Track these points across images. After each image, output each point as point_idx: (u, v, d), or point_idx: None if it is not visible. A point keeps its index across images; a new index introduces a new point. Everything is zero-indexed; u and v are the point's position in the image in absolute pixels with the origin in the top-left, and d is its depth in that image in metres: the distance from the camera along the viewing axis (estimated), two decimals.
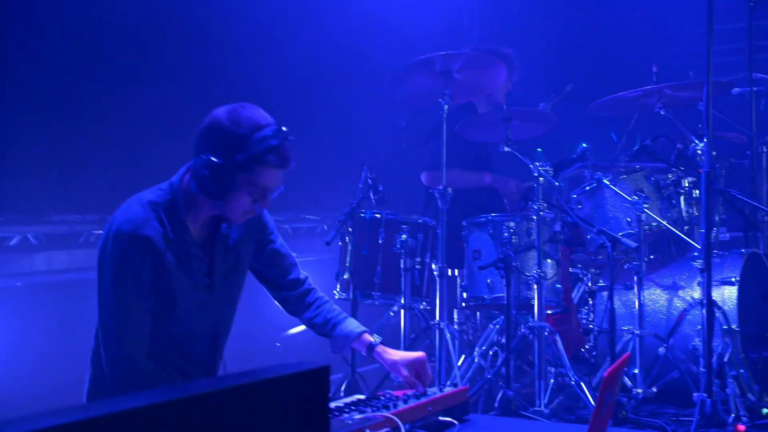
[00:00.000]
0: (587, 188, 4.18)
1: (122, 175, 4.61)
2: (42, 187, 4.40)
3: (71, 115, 4.53)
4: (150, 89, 4.85)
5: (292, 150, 2.36)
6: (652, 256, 4.59)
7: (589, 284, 4.57)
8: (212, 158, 2.29)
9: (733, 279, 3.87)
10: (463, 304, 4.21)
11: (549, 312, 4.05)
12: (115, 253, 2.29)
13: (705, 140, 3.39)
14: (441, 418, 2.33)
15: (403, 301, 4.13)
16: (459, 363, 4.05)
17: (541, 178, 3.80)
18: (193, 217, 2.41)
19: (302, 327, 5.55)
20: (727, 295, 3.86)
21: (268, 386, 1.23)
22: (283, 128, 2.35)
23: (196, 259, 2.42)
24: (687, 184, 4.11)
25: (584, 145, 4.07)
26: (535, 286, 3.77)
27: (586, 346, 4.33)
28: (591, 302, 4.51)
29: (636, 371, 3.74)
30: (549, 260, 3.89)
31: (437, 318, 3.92)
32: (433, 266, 4.21)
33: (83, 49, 4.56)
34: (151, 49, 4.87)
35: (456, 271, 4.71)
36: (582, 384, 3.65)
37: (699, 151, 3.81)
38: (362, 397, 2.40)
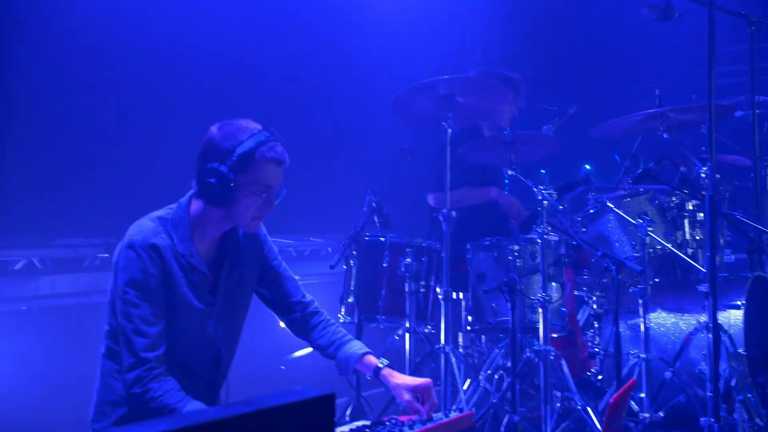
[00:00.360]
0: (591, 211, 4.18)
1: (127, 200, 4.63)
2: (47, 211, 4.42)
3: (77, 139, 4.56)
4: (156, 115, 4.88)
5: (284, 148, 2.53)
6: (657, 279, 4.58)
7: (594, 307, 4.55)
8: (213, 165, 2.43)
9: (738, 302, 3.85)
10: (468, 328, 4.20)
11: (554, 335, 4.03)
12: (127, 260, 2.42)
13: (708, 163, 3.39)
14: None
15: (407, 325, 4.12)
16: (464, 387, 4.03)
17: (545, 202, 3.80)
18: (200, 236, 2.54)
19: (307, 350, 5.58)
20: (733, 318, 3.84)
21: (273, 414, 1.23)
22: (271, 128, 2.53)
23: (201, 275, 2.52)
24: (691, 207, 4.11)
25: (588, 167, 4.08)
26: (540, 310, 3.75)
27: (592, 370, 4.31)
28: (596, 325, 4.49)
29: (642, 395, 3.72)
30: (554, 283, 3.88)
31: (442, 342, 3.91)
32: (438, 289, 4.20)
33: (90, 74, 4.59)
34: (158, 75, 4.91)
35: (461, 294, 4.70)
36: (588, 408, 3.63)
37: (702, 174, 3.81)
38: (368, 422, 2.39)
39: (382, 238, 4.23)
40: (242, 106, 5.37)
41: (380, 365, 2.67)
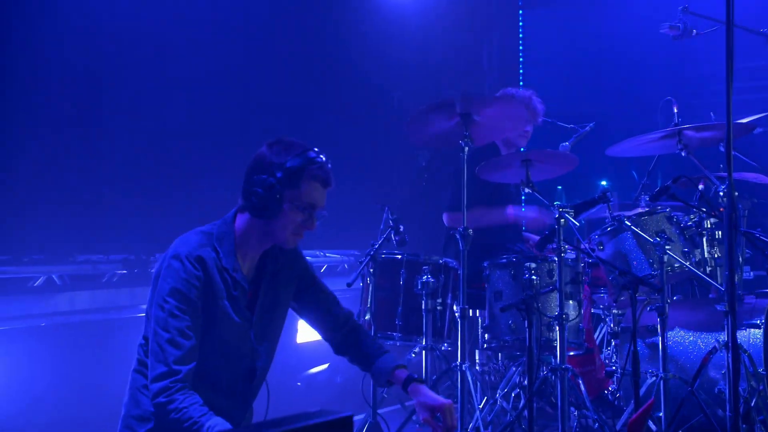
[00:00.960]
0: (608, 229, 4.16)
1: (146, 217, 4.67)
2: (66, 228, 4.46)
3: (96, 156, 4.60)
4: (175, 133, 4.93)
5: (331, 170, 2.62)
6: (675, 297, 4.56)
7: (612, 326, 4.53)
8: (261, 177, 2.50)
9: (758, 322, 3.82)
10: (485, 346, 4.18)
11: (571, 353, 4.01)
12: (171, 270, 2.46)
13: (727, 181, 3.38)
14: None
15: (424, 343, 4.12)
16: (481, 405, 4.02)
17: (562, 219, 3.79)
18: (243, 253, 2.60)
19: (322, 366, 5.57)
20: (752, 337, 3.81)
21: None
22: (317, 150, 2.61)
23: (242, 290, 2.58)
24: (709, 225, 4.09)
25: (605, 184, 4.07)
26: (557, 328, 3.74)
27: (610, 388, 4.29)
28: (614, 344, 4.47)
29: (661, 414, 3.69)
30: (571, 301, 3.87)
31: (459, 359, 3.90)
32: (455, 307, 4.19)
33: (109, 91, 4.65)
34: (177, 96, 4.95)
35: (477, 312, 4.69)
36: (605, 427, 3.61)
37: (721, 192, 3.79)
38: None
39: (398, 256, 4.24)
40: (264, 124, 5.42)
41: (411, 378, 2.72)
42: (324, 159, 2.60)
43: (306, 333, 5.25)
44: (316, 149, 2.60)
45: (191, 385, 2.41)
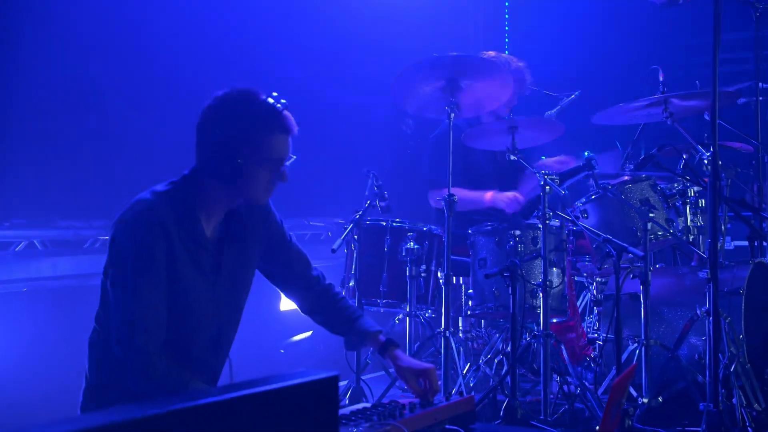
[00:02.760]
0: (593, 197, 4.17)
1: (128, 181, 4.62)
2: (48, 193, 4.41)
3: (78, 120, 4.54)
4: (157, 94, 4.87)
5: (290, 113, 2.36)
6: (657, 265, 4.59)
7: (595, 293, 4.56)
8: (219, 141, 2.28)
9: (740, 290, 3.86)
10: (469, 313, 4.21)
11: (554, 320, 4.04)
12: (129, 240, 2.25)
13: (711, 150, 3.39)
14: (448, 426, 2.33)
15: (408, 309, 4.13)
16: (464, 371, 4.04)
17: (547, 187, 3.79)
18: (206, 213, 2.39)
19: (306, 334, 5.58)
20: (733, 304, 3.84)
21: (277, 395, 1.23)
22: (274, 93, 2.36)
23: (205, 252, 2.38)
24: (693, 194, 4.11)
25: (589, 153, 4.07)
26: (541, 295, 3.76)
27: (592, 355, 4.32)
28: (596, 311, 4.50)
29: (642, 380, 3.73)
30: (555, 269, 3.89)
31: (442, 326, 3.91)
32: (439, 274, 4.20)
33: (91, 53, 4.57)
34: (157, 56, 4.89)
35: (461, 279, 4.70)
36: (587, 393, 3.64)
37: (705, 161, 3.80)
38: (368, 405, 2.40)
39: (383, 223, 4.24)
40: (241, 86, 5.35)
41: (389, 344, 2.65)
42: (283, 104, 2.34)
43: (289, 301, 5.24)
44: (273, 95, 2.34)
45: (164, 359, 2.28)
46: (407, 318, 4.15)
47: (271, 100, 2.34)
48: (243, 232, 2.49)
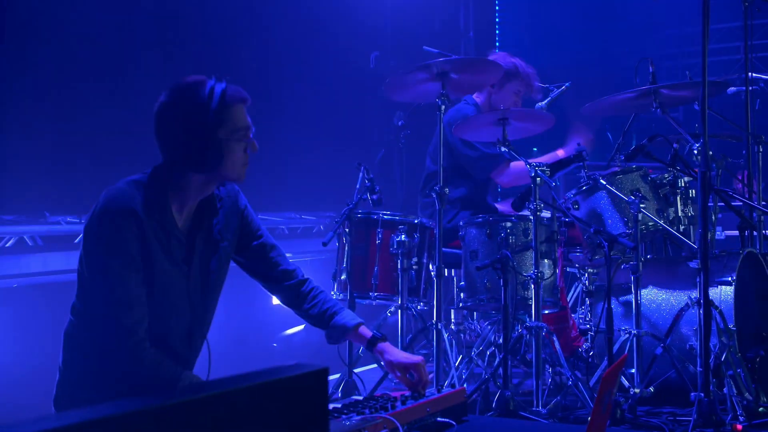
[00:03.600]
0: (584, 188, 4.18)
1: (119, 177, 4.60)
2: (38, 188, 4.39)
3: (68, 116, 4.52)
4: (148, 92, 4.84)
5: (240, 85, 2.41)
6: (649, 256, 4.60)
7: (587, 284, 4.57)
8: (189, 132, 2.31)
9: (730, 279, 3.87)
10: (461, 305, 4.21)
11: (546, 312, 4.05)
12: (104, 228, 2.27)
13: (701, 140, 3.40)
14: (440, 418, 2.33)
15: (400, 302, 4.13)
16: (456, 364, 4.05)
17: (537, 178, 3.79)
18: (178, 204, 2.40)
19: (298, 327, 5.59)
20: (723, 294, 3.86)
21: (266, 389, 1.23)
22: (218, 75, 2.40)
23: (177, 242, 2.39)
24: (683, 184, 4.12)
25: (580, 144, 4.08)
26: (533, 286, 3.77)
27: (584, 346, 4.34)
28: (588, 302, 4.52)
29: (633, 371, 3.75)
30: (546, 260, 3.90)
31: (434, 318, 3.92)
32: (430, 266, 4.21)
33: (81, 50, 4.55)
34: (149, 52, 4.87)
35: (453, 271, 4.71)
36: (579, 384, 3.66)
37: (695, 151, 3.81)
38: (360, 398, 2.40)
39: (374, 216, 4.23)
40: (233, 81, 5.34)
41: (375, 338, 2.65)
42: (228, 78, 2.40)
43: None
44: (213, 76, 2.38)
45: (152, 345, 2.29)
46: (399, 311, 4.16)
47: (215, 79, 2.38)
48: (215, 224, 2.49)
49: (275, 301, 5.53)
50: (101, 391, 2.30)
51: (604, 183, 4.06)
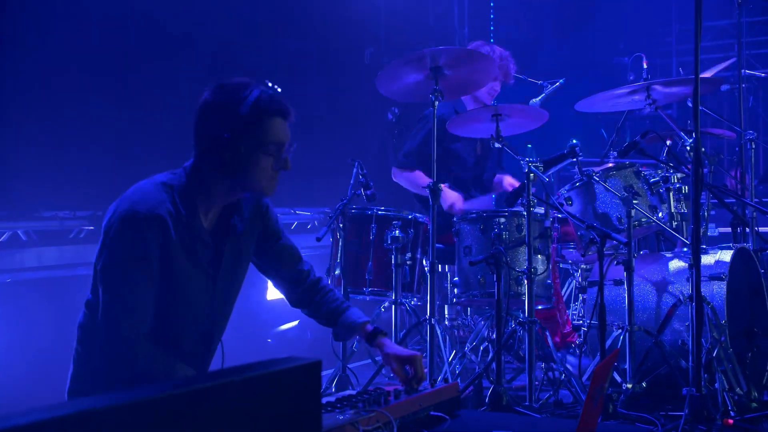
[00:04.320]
0: (577, 184, 4.19)
1: (113, 172, 4.60)
2: (32, 184, 4.38)
3: (62, 111, 4.51)
4: (143, 86, 4.84)
5: (285, 99, 2.37)
6: (641, 252, 4.62)
7: (579, 279, 4.59)
8: (216, 132, 2.28)
9: (722, 275, 3.89)
10: (454, 300, 4.22)
11: (539, 307, 4.06)
12: (127, 231, 2.23)
13: (694, 137, 3.41)
14: (432, 413, 2.35)
15: (394, 297, 4.15)
16: (449, 359, 4.07)
17: (531, 174, 3.81)
18: (205, 207, 2.38)
19: (293, 323, 5.59)
20: (715, 290, 3.88)
21: (260, 382, 1.24)
22: (268, 83, 2.38)
23: (205, 246, 2.38)
24: (676, 181, 4.13)
25: (574, 141, 4.09)
26: (526, 282, 3.78)
27: (576, 341, 4.36)
28: (581, 297, 4.53)
29: (626, 366, 3.76)
30: (539, 256, 3.91)
31: (428, 314, 3.93)
32: (424, 262, 4.22)
33: (77, 46, 4.54)
34: (144, 47, 4.86)
35: (447, 267, 4.72)
36: (572, 379, 3.67)
37: (688, 148, 3.83)
38: (353, 392, 2.41)
39: (368, 211, 4.24)
40: (227, 77, 5.33)
41: (377, 332, 2.68)
42: (275, 89, 2.37)
43: (276, 290, 5.25)
44: (266, 82, 2.37)
45: (150, 350, 2.28)
46: (393, 306, 4.17)
47: (263, 86, 2.36)
48: (240, 226, 2.48)
49: (270, 296, 5.55)
50: (115, 383, 2.28)
51: (597, 179, 4.07)
